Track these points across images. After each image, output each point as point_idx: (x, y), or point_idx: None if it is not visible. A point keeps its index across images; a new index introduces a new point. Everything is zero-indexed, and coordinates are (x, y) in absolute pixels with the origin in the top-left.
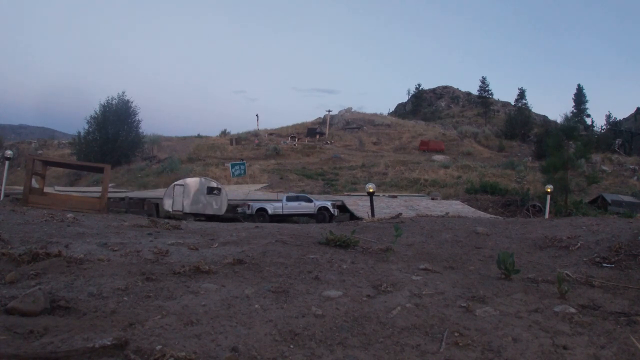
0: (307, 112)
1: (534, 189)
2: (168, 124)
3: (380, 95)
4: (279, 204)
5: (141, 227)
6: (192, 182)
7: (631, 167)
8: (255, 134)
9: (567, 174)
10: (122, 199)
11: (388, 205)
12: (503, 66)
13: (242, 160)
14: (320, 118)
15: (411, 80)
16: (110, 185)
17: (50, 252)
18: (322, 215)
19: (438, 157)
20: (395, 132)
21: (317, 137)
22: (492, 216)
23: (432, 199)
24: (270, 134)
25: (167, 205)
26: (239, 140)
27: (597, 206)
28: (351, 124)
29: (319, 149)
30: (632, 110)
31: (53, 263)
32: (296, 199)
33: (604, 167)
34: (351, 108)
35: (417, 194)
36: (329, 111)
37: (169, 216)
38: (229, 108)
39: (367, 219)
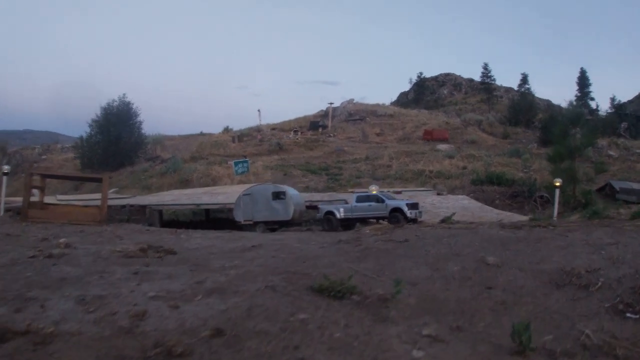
0: (309, 105)
1: (540, 178)
2: (171, 123)
3: (382, 85)
4: (348, 206)
5: (131, 257)
6: (258, 189)
7: (638, 151)
8: (258, 129)
9: (575, 163)
10: (123, 206)
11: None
12: (505, 51)
13: (245, 157)
14: (322, 111)
15: (413, 69)
16: (112, 190)
17: (17, 329)
18: (395, 217)
19: (442, 147)
20: (399, 122)
21: (320, 130)
22: (498, 213)
23: (438, 194)
24: (273, 129)
25: (238, 216)
26: (242, 137)
27: (605, 194)
28: (354, 115)
29: (322, 142)
30: (637, 92)
31: (19, 348)
32: (367, 199)
33: (611, 152)
34: (353, 99)
35: (422, 189)
36: (331, 103)
37: (240, 226)
38: (232, 104)
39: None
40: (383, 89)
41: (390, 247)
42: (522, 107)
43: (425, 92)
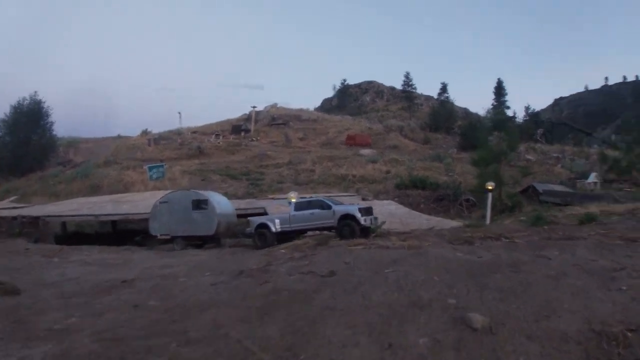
0: (232, 108)
1: (464, 181)
2: (87, 125)
3: (306, 90)
4: (285, 216)
5: None
6: (176, 197)
7: (555, 155)
8: (178, 132)
9: (500, 166)
10: (15, 218)
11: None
12: (425, 61)
13: (162, 161)
14: (245, 114)
15: (337, 76)
16: (12, 198)
17: None
18: (346, 227)
19: (365, 152)
20: (322, 127)
21: (243, 134)
22: (428, 218)
23: (363, 199)
24: (194, 132)
25: (154, 229)
26: (159, 140)
27: (529, 196)
28: (277, 119)
29: (244, 146)
30: (550, 102)
31: None
32: (308, 205)
33: (529, 157)
34: (277, 103)
35: (346, 194)
36: (254, 107)
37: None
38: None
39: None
40: (307, 94)
41: (309, 286)
42: (442, 114)
43: (348, 99)
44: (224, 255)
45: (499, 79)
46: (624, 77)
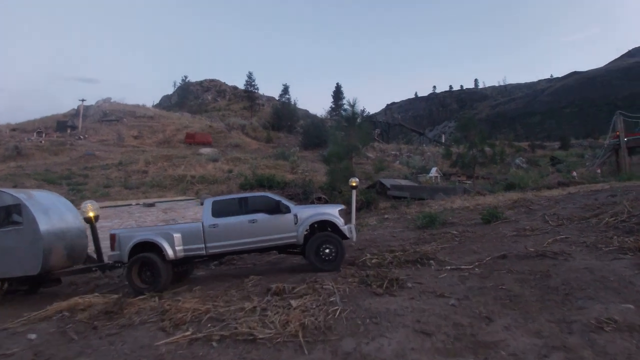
0: (61, 103)
1: (313, 179)
2: None
3: (146, 86)
4: (194, 228)
5: None
6: None
7: (392, 152)
8: None
9: (352, 162)
10: None
11: (139, 223)
12: (268, 63)
13: None
14: (74, 110)
15: (178, 72)
16: None
17: None
18: (327, 248)
19: (205, 150)
20: (159, 125)
21: (69, 131)
22: None
23: (202, 203)
24: (13, 130)
25: None
26: None
27: (377, 191)
28: (109, 115)
29: (69, 145)
30: (383, 106)
31: None
32: (241, 206)
33: (368, 154)
34: (110, 98)
35: (182, 198)
36: (83, 101)
37: None
38: None
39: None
40: (147, 91)
41: None
42: (284, 114)
43: (189, 97)
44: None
45: (337, 83)
46: (450, 87)
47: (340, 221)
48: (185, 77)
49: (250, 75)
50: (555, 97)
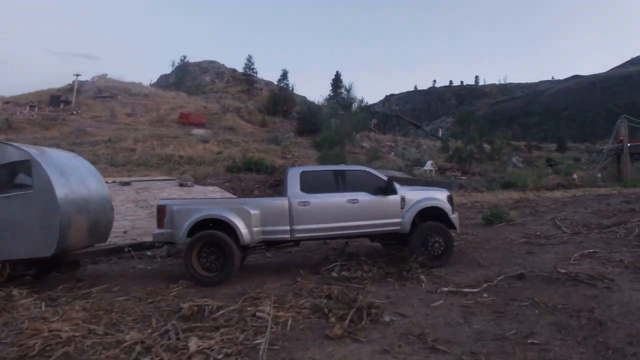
0: (57, 77)
1: (304, 165)
2: None
3: (145, 64)
4: (279, 203)
5: None
6: None
7: (388, 143)
8: None
9: (344, 150)
10: None
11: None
12: (269, 48)
13: None
14: (69, 85)
15: (178, 51)
16: None
17: None
18: (436, 240)
19: (198, 131)
20: (153, 103)
21: (62, 106)
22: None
23: (181, 184)
24: (6, 102)
25: None
26: None
27: None
28: (104, 92)
29: (61, 120)
30: (382, 97)
31: None
32: (338, 181)
33: (364, 144)
34: (106, 74)
35: (163, 178)
36: (78, 76)
37: None
38: None
39: None
40: (146, 69)
41: None
42: (281, 99)
43: (187, 77)
44: None
45: (337, 71)
46: (450, 82)
47: (449, 209)
48: (184, 57)
49: (249, 59)
50: (555, 99)
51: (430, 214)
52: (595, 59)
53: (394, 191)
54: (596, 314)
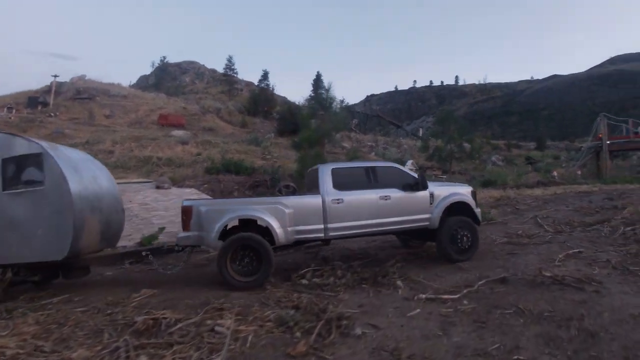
0: (36, 79)
1: (283, 166)
2: None
3: (125, 65)
4: (313, 201)
5: None
6: None
7: (369, 143)
8: None
9: (323, 149)
10: None
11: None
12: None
13: None
14: (47, 86)
15: (158, 52)
16: None
17: None
18: (464, 234)
19: (177, 133)
20: (132, 105)
21: (40, 107)
22: None
23: (158, 187)
24: None
25: None
26: None
27: None
28: (82, 93)
29: (39, 122)
30: (363, 97)
31: None
32: (369, 176)
33: (344, 144)
34: (85, 75)
35: (139, 180)
36: (56, 77)
37: None
38: None
39: None
40: (126, 70)
41: None
42: (261, 99)
43: (166, 78)
44: None
45: (318, 72)
46: (431, 82)
47: (474, 203)
48: (164, 57)
49: (230, 59)
50: (534, 98)
51: (454, 209)
52: (575, 59)
53: (426, 187)
54: (587, 322)
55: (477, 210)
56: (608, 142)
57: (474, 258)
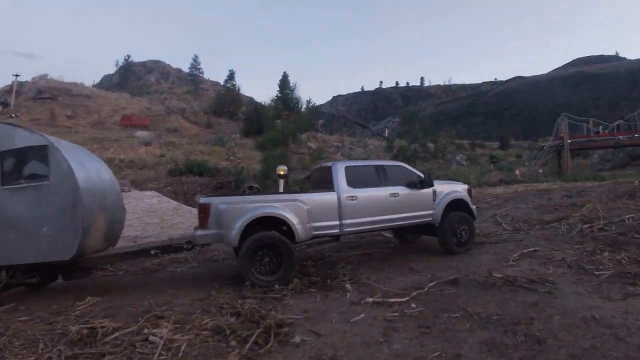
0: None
1: (247, 166)
2: None
3: (90, 64)
4: (329, 198)
5: None
6: None
7: (335, 144)
8: None
9: (288, 150)
10: None
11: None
12: (215, 48)
13: None
14: (9, 85)
15: (122, 51)
16: None
17: None
18: (463, 229)
19: (141, 134)
20: (95, 105)
21: (1, 108)
22: None
23: (121, 189)
24: None
25: None
26: None
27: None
28: (44, 93)
29: None
30: (329, 98)
31: None
32: (379, 174)
33: (310, 144)
34: (47, 75)
35: None
36: (17, 76)
37: None
38: None
39: None
40: (91, 69)
41: None
42: (227, 99)
43: (131, 77)
44: None
45: (284, 72)
46: (397, 83)
47: (470, 200)
48: (129, 56)
49: (195, 59)
50: (498, 99)
51: (453, 205)
52: (537, 61)
53: (432, 185)
54: (535, 327)
55: (473, 207)
56: (569, 141)
57: (427, 259)
